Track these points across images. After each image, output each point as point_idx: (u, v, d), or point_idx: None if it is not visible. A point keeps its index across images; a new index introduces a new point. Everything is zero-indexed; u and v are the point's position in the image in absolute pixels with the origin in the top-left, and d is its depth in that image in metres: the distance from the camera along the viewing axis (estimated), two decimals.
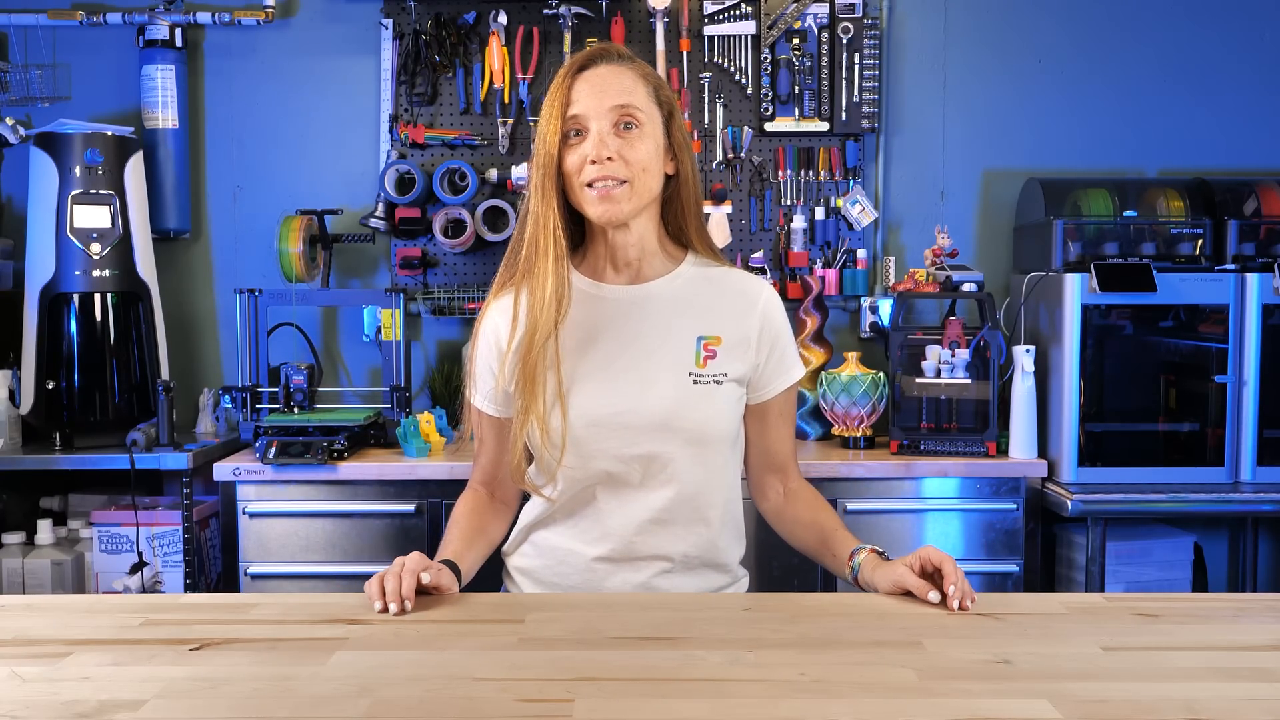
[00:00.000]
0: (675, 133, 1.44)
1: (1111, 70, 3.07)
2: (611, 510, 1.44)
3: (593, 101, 1.37)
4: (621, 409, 1.40)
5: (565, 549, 1.47)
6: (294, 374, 2.72)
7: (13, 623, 1.22)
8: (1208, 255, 2.70)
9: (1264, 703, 0.98)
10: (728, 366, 1.44)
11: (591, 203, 1.38)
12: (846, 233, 3.04)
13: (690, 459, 1.42)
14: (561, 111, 1.38)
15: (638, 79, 1.41)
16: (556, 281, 1.38)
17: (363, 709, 0.97)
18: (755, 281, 1.50)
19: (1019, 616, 1.25)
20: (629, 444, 1.40)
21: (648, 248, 1.46)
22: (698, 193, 1.48)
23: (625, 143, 1.37)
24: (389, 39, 3.03)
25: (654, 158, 1.40)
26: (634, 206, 1.39)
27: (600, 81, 1.39)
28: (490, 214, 2.96)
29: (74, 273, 2.67)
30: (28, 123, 2.96)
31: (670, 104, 1.44)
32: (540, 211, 1.39)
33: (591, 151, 1.37)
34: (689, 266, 1.49)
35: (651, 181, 1.40)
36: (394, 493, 2.54)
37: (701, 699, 0.99)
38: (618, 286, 1.46)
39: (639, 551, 1.44)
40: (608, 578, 1.45)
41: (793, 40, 3.00)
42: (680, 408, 1.41)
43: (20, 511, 2.76)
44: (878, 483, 2.57)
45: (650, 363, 1.43)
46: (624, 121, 1.38)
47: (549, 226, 1.38)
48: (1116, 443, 2.69)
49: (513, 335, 1.42)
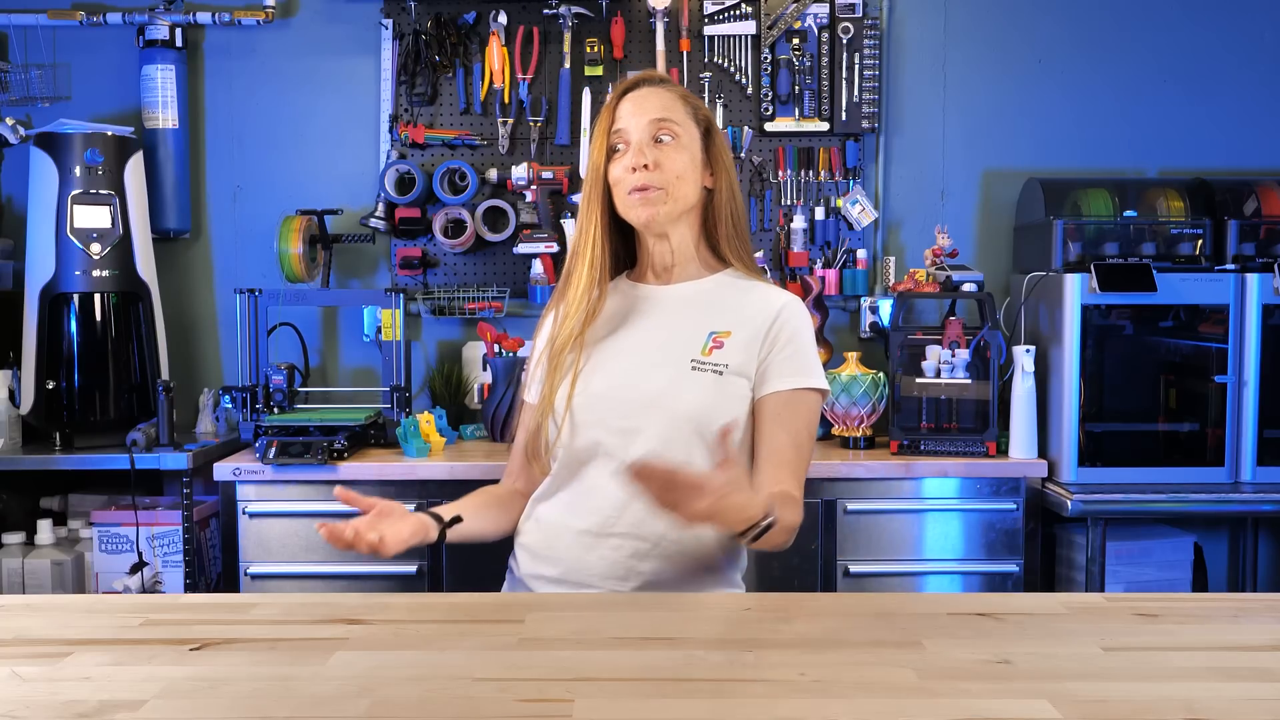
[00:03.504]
0: (713, 148, 1.57)
1: (1111, 70, 3.07)
2: (599, 485, 1.50)
3: (633, 119, 1.53)
4: (618, 384, 1.51)
5: (558, 523, 1.54)
6: (274, 374, 2.72)
7: (13, 623, 1.22)
8: (1208, 255, 2.70)
9: (1264, 703, 0.98)
10: (731, 359, 1.50)
11: (632, 206, 1.52)
12: (846, 233, 3.05)
13: (673, 441, 1.47)
14: (607, 130, 1.54)
15: (675, 98, 1.55)
16: (589, 281, 1.53)
17: (363, 709, 0.97)
18: (786, 295, 1.58)
19: (1019, 616, 1.25)
20: (619, 417, 1.49)
21: (684, 255, 1.58)
22: (736, 208, 1.59)
23: (662, 153, 1.51)
24: (389, 39, 3.03)
25: (690, 168, 1.53)
26: (670, 211, 1.52)
27: (641, 100, 1.54)
28: (490, 214, 2.96)
29: (74, 273, 2.67)
30: (28, 123, 2.96)
31: (708, 121, 1.58)
32: (584, 220, 1.56)
33: (632, 160, 1.51)
34: (722, 277, 1.59)
35: (688, 189, 1.53)
36: (394, 493, 2.53)
37: (701, 699, 0.99)
38: (651, 286, 1.60)
39: (616, 528, 1.49)
40: (589, 551, 1.50)
41: (793, 40, 3.00)
42: (672, 388, 1.49)
43: (20, 511, 2.76)
44: (878, 483, 2.57)
45: (658, 349, 1.53)
46: (661, 134, 1.52)
47: (590, 234, 1.55)
48: (1116, 443, 2.69)
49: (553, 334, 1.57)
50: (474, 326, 3.06)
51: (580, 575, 1.50)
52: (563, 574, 1.52)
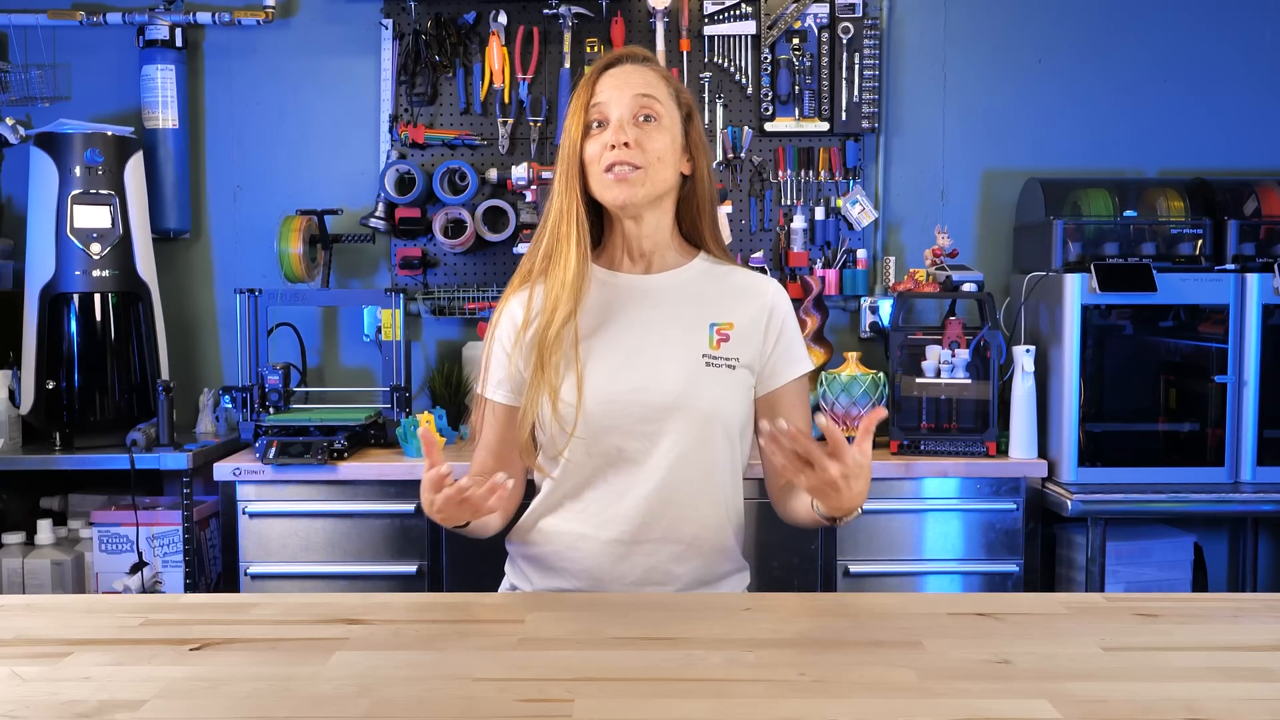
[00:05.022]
0: (693, 133, 1.50)
1: (1111, 70, 3.07)
2: (621, 492, 1.45)
3: (615, 93, 1.45)
4: (636, 385, 1.43)
5: (576, 534, 1.47)
6: (270, 374, 2.71)
7: (13, 623, 1.22)
8: (1208, 255, 2.69)
9: (1264, 703, 0.98)
10: (740, 351, 1.48)
11: (608, 186, 1.44)
12: (846, 233, 3.04)
13: (700, 440, 1.44)
14: (585, 104, 1.46)
15: (659, 78, 1.48)
16: (578, 265, 1.44)
17: (363, 709, 0.97)
18: (762, 278, 1.55)
19: (1019, 616, 1.25)
20: (641, 421, 1.43)
21: (661, 241, 1.51)
22: (713, 195, 1.54)
23: (643, 133, 1.44)
24: (389, 39, 3.03)
25: (670, 150, 1.46)
26: (647, 193, 1.44)
27: (624, 76, 1.47)
28: (490, 214, 2.96)
29: (74, 273, 2.67)
30: (28, 123, 2.96)
31: (689, 106, 1.51)
32: (564, 200, 1.46)
33: (611, 137, 1.43)
34: (700, 263, 1.54)
35: (666, 172, 1.46)
36: (394, 493, 2.54)
37: (701, 699, 0.99)
38: (631, 275, 1.51)
39: (651, 534, 1.45)
40: (620, 561, 1.45)
41: (793, 40, 3.00)
42: (693, 386, 1.44)
43: (20, 511, 2.76)
44: (878, 483, 2.56)
45: (663, 344, 1.46)
46: (643, 113, 1.44)
47: (571, 214, 1.45)
48: (1116, 443, 2.69)
49: (528, 321, 1.46)
50: (474, 326, 3.06)
51: (612, 585, 1.46)
52: (589, 585, 1.46)
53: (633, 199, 1.44)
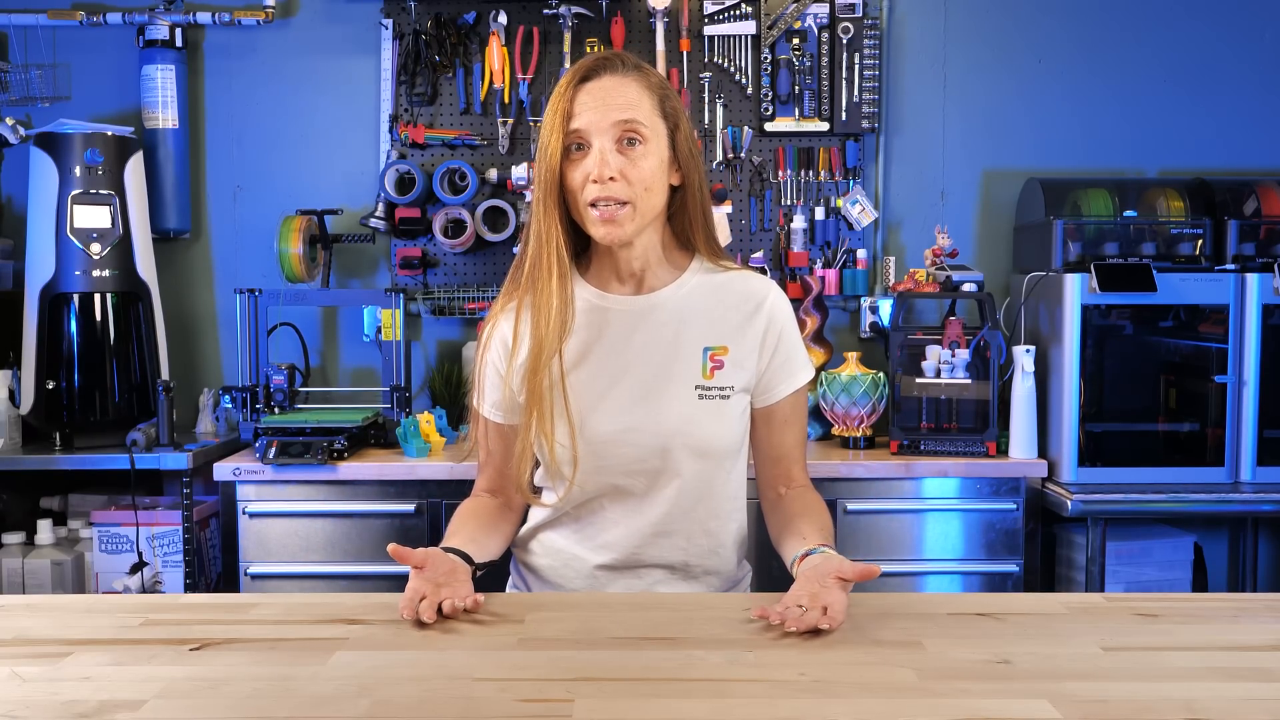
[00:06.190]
0: (681, 144, 1.40)
1: (1111, 70, 3.07)
2: (616, 520, 1.44)
3: (595, 116, 1.33)
4: (630, 425, 1.40)
5: (570, 553, 1.48)
6: (274, 374, 2.72)
7: (13, 623, 1.22)
8: (1208, 255, 2.69)
9: (1264, 703, 0.98)
10: (734, 378, 1.43)
11: (594, 223, 1.36)
12: (846, 233, 3.04)
13: (696, 472, 1.42)
14: (564, 124, 1.34)
15: (643, 91, 1.37)
16: (560, 301, 1.37)
17: (363, 709, 0.97)
18: (761, 282, 1.48)
19: (1019, 616, 1.25)
20: (636, 460, 1.40)
21: (652, 259, 1.45)
22: (705, 201, 1.45)
23: (629, 161, 1.34)
24: (389, 39, 3.03)
25: (658, 174, 1.37)
26: (637, 226, 1.37)
27: (604, 94, 1.34)
28: (490, 214, 2.96)
29: (74, 273, 2.67)
30: (28, 123, 2.96)
31: (676, 115, 1.40)
32: (543, 226, 1.38)
33: (594, 170, 1.33)
34: (694, 274, 1.47)
35: (655, 199, 1.38)
36: (394, 493, 2.54)
37: (701, 699, 0.99)
38: (623, 297, 1.45)
39: (642, 560, 1.45)
40: (609, 584, 1.46)
41: (793, 40, 3.00)
42: (687, 424, 1.40)
43: (20, 511, 2.76)
44: (878, 483, 2.57)
45: (658, 378, 1.42)
46: (627, 138, 1.34)
47: (551, 244, 1.37)
48: (1116, 443, 2.69)
49: (517, 346, 1.42)
50: (474, 326, 3.06)
51: None
52: None
53: (621, 237, 1.36)
